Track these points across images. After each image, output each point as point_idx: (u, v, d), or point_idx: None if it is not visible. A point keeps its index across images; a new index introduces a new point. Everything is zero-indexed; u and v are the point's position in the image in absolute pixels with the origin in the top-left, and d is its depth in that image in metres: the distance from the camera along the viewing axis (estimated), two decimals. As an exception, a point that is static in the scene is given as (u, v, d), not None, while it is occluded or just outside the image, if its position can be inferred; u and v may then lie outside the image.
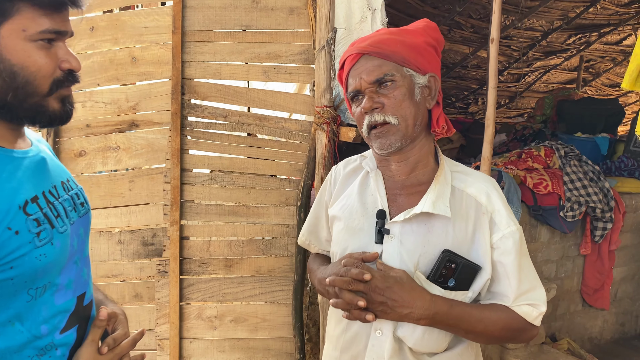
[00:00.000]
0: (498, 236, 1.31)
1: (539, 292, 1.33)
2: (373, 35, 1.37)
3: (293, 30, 2.78)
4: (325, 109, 2.62)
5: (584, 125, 5.49)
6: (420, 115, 1.35)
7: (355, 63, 1.35)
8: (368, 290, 1.23)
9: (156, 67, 2.83)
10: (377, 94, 1.31)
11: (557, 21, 5.66)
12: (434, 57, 1.39)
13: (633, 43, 6.63)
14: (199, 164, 2.88)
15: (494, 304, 1.33)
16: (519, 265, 1.31)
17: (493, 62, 3.13)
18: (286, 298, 2.88)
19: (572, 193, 3.73)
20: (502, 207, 1.33)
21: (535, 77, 7.23)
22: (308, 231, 1.70)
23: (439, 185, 1.34)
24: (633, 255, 4.46)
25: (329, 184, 1.61)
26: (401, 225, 1.33)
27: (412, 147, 1.37)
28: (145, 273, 2.88)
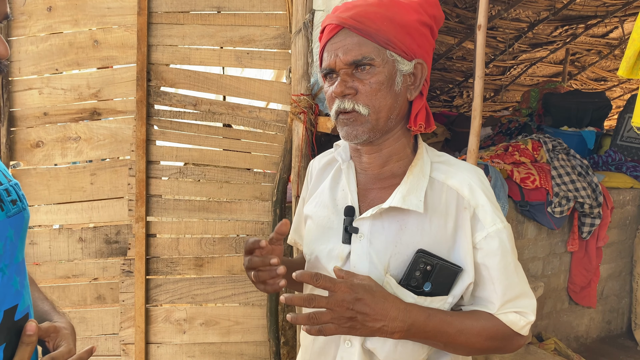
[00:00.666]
0: (482, 235, 1.14)
1: (527, 299, 1.17)
2: (359, 4, 1.17)
3: (268, 12, 2.59)
4: (302, 97, 2.44)
5: (570, 118, 5.38)
6: (398, 108, 1.18)
7: (334, 36, 1.16)
8: (332, 305, 1.03)
9: (120, 51, 2.61)
10: (351, 76, 1.14)
11: (543, 12, 5.52)
12: (427, 39, 1.20)
13: (619, 36, 6.55)
14: (166, 156, 2.68)
15: (477, 312, 1.17)
16: (505, 269, 1.14)
17: (480, 50, 2.98)
18: (260, 299, 2.70)
19: (560, 188, 3.61)
20: (486, 201, 1.16)
21: (521, 70, 7.11)
22: (293, 230, 1.55)
23: (413, 177, 1.18)
24: (620, 252, 4.37)
25: (306, 179, 1.46)
26: (371, 222, 1.18)
27: (385, 140, 1.21)
28: (109, 273, 2.67)
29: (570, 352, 3.65)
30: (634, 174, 4.41)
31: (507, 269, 1.14)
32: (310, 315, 1.03)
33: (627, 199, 4.28)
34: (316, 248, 1.26)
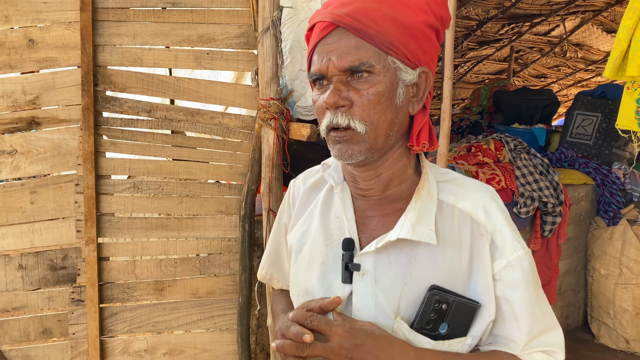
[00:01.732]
0: (502, 264, 0.99)
1: (555, 334, 1.03)
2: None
3: (229, 8, 2.36)
4: (271, 101, 2.23)
5: (521, 116, 5.45)
6: (398, 124, 1.00)
7: (326, 36, 0.97)
8: (329, 353, 0.88)
9: (61, 52, 2.30)
10: (346, 85, 0.95)
11: (492, 10, 5.57)
12: (433, 43, 1.02)
13: (560, 34, 6.73)
14: (118, 170, 2.39)
15: (498, 353, 1.02)
16: (529, 302, 0.99)
17: (449, 50, 2.89)
18: (230, 323, 2.47)
19: (525, 188, 3.58)
20: (505, 225, 1.01)
21: (468, 68, 7.19)
22: (268, 263, 1.33)
23: (421, 202, 1.01)
24: (575, 247, 4.43)
25: (287, 203, 1.25)
26: (374, 257, 1.00)
27: (384, 162, 1.03)
28: (56, 304, 2.36)
29: (537, 351, 3.64)
30: (586, 170, 4.49)
31: (531, 302, 1.00)
32: None
33: (581, 195, 4.35)
34: (308, 288, 1.07)
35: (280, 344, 0.91)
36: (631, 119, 2.09)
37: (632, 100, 2.06)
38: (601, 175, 4.46)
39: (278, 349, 0.92)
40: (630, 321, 4.04)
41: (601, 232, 4.29)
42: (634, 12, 1.96)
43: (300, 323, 0.92)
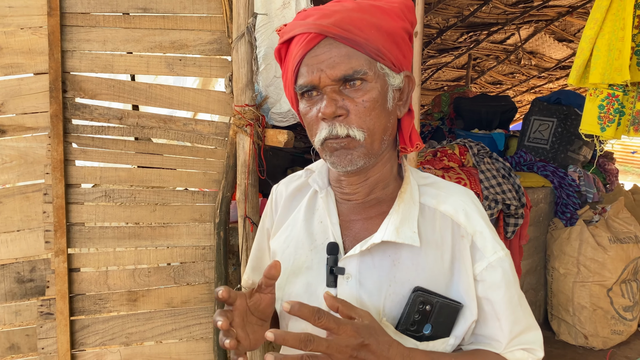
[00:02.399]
0: (483, 265, 1.02)
1: (535, 332, 1.07)
2: (337, 9, 0.99)
3: (202, 15, 2.35)
4: (247, 108, 2.23)
5: (480, 121, 5.61)
6: (390, 128, 1.03)
7: (314, 47, 0.97)
8: (333, 349, 0.84)
9: (27, 58, 2.24)
10: (340, 94, 0.97)
11: (452, 18, 5.72)
12: (410, 48, 1.06)
13: (515, 42, 6.97)
14: (88, 178, 2.33)
15: (482, 352, 1.05)
16: (510, 302, 1.03)
17: (417, 58, 2.95)
18: (205, 332, 2.44)
19: (489, 191, 3.69)
20: (485, 227, 1.05)
21: (428, 75, 7.35)
22: (251, 269, 1.33)
23: (404, 205, 1.03)
24: (535, 248, 4.59)
25: (270, 208, 1.25)
26: (359, 260, 1.02)
27: (374, 165, 1.05)
28: (23, 318, 2.28)
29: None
30: (544, 173, 4.67)
31: (512, 302, 1.03)
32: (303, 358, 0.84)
33: (540, 197, 4.51)
34: (292, 293, 1.07)
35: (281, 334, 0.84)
36: (594, 123, 2.19)
37: (595, 106, 2.17)
38: (558, 178, 4.64)
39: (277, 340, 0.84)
40: (588, 317, 4.21)
41: (559, 232, 4.46)
42: (595, 23, 2.06)
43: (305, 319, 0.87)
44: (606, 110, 2.14)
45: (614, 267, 4.14)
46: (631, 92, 2.13)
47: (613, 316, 4.22)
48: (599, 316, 4.20)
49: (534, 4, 5.80)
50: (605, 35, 2.06)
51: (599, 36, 2.06)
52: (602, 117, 2.16)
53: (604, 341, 4.22)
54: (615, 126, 2.15)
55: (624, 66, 2.00)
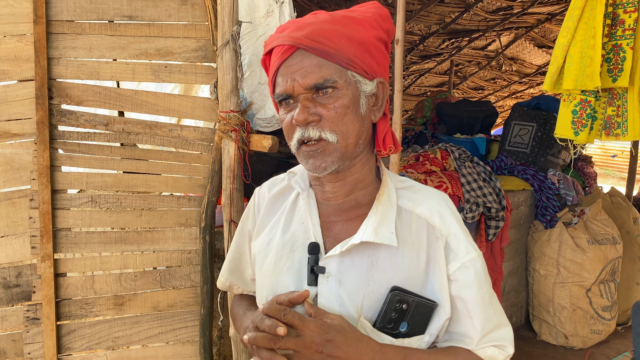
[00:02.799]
0: (456, 265, 1.08)
1: (505, 330, 1.12)
2: (311, 21, 1.05)
3: (187, 22, 2.39)
4: (232, 114, 2.27)
5: (462, 126, 5.70)
6: (365, 131, 1.09)
7: (288, 58, 1.03)
8: (300, 347, 0.93)
9: (13, 65, 2.26)
10: (313, 102, 1.03)
11: (434, 25, 5.83)
12: (385, 56, 1.11)
13: (496, 48, 7.10)
14: (75, 183, 2.36)
15: (455, 348, 1.10)
16: (482, 300, 1.08)
17: (398, 64, 3.02)
18: (191, 335, 2.47)
19: (470, 194, 3.77)
20: (458, 229, 1.10)
21: (411, 81, 7.45)
22: (229, 270, 1.36)
23: (382, 207, 1.09)
24: (517, 250, 4.68)
25: (252, 210, 1.29)
26: (339, 260, 1.06)
27: (351, 167, 1.11)
28: (10, 323, 2.29)
29: (486, 350, 3.81)
30: (524, 176, 4.77)
31: (483, 301, 1.09)
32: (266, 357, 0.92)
33: (521, 200, 4.61)
34: (275, 293, 1.11)
35: (253, 336, 0.94)
36: (567, 128, 2.27)
37: (568, 112, 2.25)
38: (538, 182, 4.74)
39: (250, 341, 0.95)
40: (568, 317, 4.30)
41: (540, 234, 4.55)
42: (568, 31, 2.15)
43: (273, 316, 0.95)
44: (579, 115, 2.23)
45: (593, 268, 4.24)
46: (602, 97, 2.21)
47: (592, 316, 4.32)
48: (578, 316, 4.29)
49: (514, 11, 5.93)
50: (577, 43, 2.14)
51: (571, 44, 2.15)
52: (576, 121, 2.24)
53: (584, 341, 4.32)
54: (588, 130, 2.23)
55: (595, 73, 2.09)
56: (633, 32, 2.09)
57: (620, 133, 2.18)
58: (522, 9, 5.88)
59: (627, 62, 2.11)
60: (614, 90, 2.20)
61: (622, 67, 2.13)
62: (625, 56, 2.12)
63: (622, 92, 2.18)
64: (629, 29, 2.09)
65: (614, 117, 2.19)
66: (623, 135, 2.18)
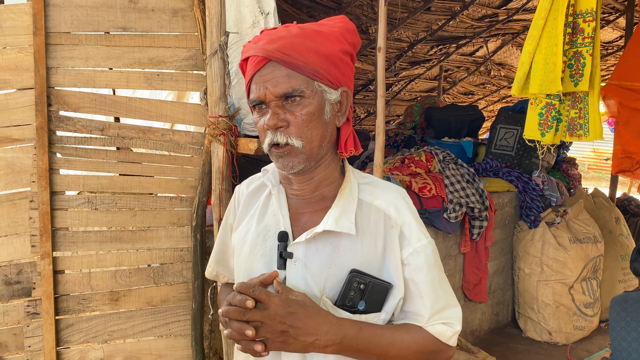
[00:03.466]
0: (408, 251, 1.21)
1: (453, 309, 1.25)
2: (283, 34, 1.17)
3: (178, 33, 2.54)
4: (220, 119, 2.42)
5: (450, 130, 5.86)
6: (328, 135, 1.22)
7: (261, 68, 1.16)
8: (266, 319, 1.06)
9: (14, 74, 2.40)
10: (282, 109, 1.16)
11: (422, 32, 5.99)
12: (349, 67, 1.25)
13: (484, 54, 7.27)
14: (72, 186, 2.50)
15: (407, 325, 1.23)
16: (431, 282, 1.21)
17: (381, 71, 3.16)
18: (184, 329, 2.61)
19: (453, 195, 3.91)
20: (412, 219, 1.24)
21: (401, 86, 7.61)
22: (215, 261, 1.50)
23: (344, 200, 1.23)
24: (502, 250, 4.82)
25: (233, 205, 1.44)
26: (305, 246, 1.20)
27: (317, 167, 1.24)
28: (11, 318, 2.42)
29: (470, 345, 3.95)
30: (509, 178, 4.91)
31: (433, 282, 1.21)
32: (237, 328, 1.06)
33: (505, 201, 4.75)
34: (249, 277, 1.24)
35: (225, 309, 1.07)
36: (535, 130, 2.42)
37: (535, 114, 2.40)
38: (522, 183, 4.89)
39: (223, 314, 1.08)
40: (551, 314, 4.43)
41: (524, 234, 4.69)
42: (533, 39, 2.30)
43: (244, 292, 1.09)
44: (545, 118, 2.38)
45: (575, 265, 4.38)
46: (566, 101, 2.36)
47: (575, 312, 4.45)
48: (561, 313, 4.43)
49: (499, 18, 6.10)
50: (542, 50, 2.30)
51: (536, 51, 2.30)
52: (542, 123, 2.39)
53: (567, 336, 4.45)
54: (554, 132, 2.38)
55: (557, 78, 2.24)
56: (592, 40, 2.25)
57: (583, 134, 2.33)
58: (507, 16, 6.05)
59: (587, 68, 2.27)
60: (576, 94, 2.36)
61: (582, 73, 2.28)
62: (585, 62, 2.28)
63: (583, 96, 2.34)
64: (588, 37, 2.25)
65: (577, 119, 2.35)
66: (585, 135, 2.33)
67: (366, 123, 8.22)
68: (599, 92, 2.32)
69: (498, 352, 4.28)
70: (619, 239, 4.96)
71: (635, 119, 2.84)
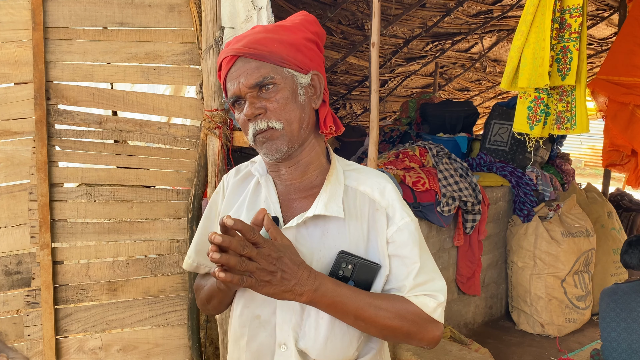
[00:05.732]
0: (393, 230, 1.27)
1: (437, 282, 1.28)
2: (248, 34, 1.27)
3: (174, 28, 2.59)
4: (216, 112, 2.47)
5: (445, 126, 5.90)
6: (307, 117, 1.28)
7: (232, 66, 1.24)
8: (260, 256, 1.08)
9: (13, 69, 2.45)
10: (258, 98, 1.22)
11: (417, 29, 6.03)
12: (316, 53, 1.32)
13: (479, 51, 7.32)
14: (71, 178, 2.55)
15: (389, 294, 1.27)
16: (415, 257, 1.26)
17: (375, 66, 3.21)
18: (180, 319, 2.66)
19: (446, 189, 3.97)
20: (396, 200, 1.30)
21: (397, 83, 7.65)
22: (195, 251, 1.49)
23: (331, 186, 1.29)
24: (495, 243, 4.88)
25: (220, 195, 1.46)
26: (296, 230, 1.26)
27: (302, 150, 1.30)
28: (11, 307, 2.47)
29: (464, 337, 4.01)
30: (502, 173, 4.97)
31: (416, 257, 1.26)
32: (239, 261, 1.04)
33: (499, 196, 4.81)
34: None
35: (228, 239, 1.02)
36: (524, 123, 2.48)
37: (524, 108, 2.46)
38: (516, 178, 4.95)
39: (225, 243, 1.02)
40: (544, 307, 4.50)
41: (517, 228, 4.75)
42: (522, 35, 2.35)
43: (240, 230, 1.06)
44: (534, 111, 2.43)
45: (567, 259, 4.44)
46: (554, 94, 2.42)
47: (567, 305, 4.52)
48: (554, 306, 4.49)
49: (494, 14, 6.15)
50: (530, 45, 2.35)
51: (525, 46, 2.36)
52: (531, 117, 2.44)
53: (559, 329, 4.52)
54: (542, 125, 2.43)
55: (545, 72, 2.29)
56: (578, 35, 2.31)
57: (570, 127, 2.39)
58: (501, 13, 6.10)
59: (574, 62, 2.32)
60: (563, 87, 2.41)
61: (569, 67, 2.33)
62: (572, 57, 2.33)
63: (570, 90, 2.39)
64: (575, 32, 2.30)
65: (564, 112, 2.40)
66: (572, 128, 2.39)
67: (362, 119, 8.26)
68: (585, 85, 2.38)
69: (491, 344, 4.34)
70: (611, 233, 5.03)
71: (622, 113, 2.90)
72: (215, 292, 1.33)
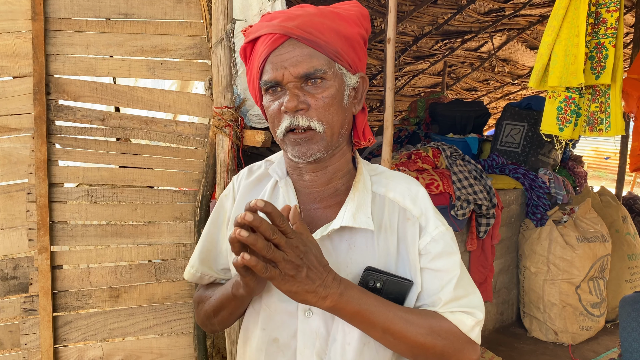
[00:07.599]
0: (427, 240, 1.13)
1: (475, 298, 1.14)
2: (300, 13, 1.09)
3: (183, 20, 2.44)
4: (226, 110, 2.32)
5: (455, 126, 5.77)
6: (347, 123, 1.15)
7: (279, 47, 1.07)
8: (288, 246, 0.94)
9: (11, 61, 2.30)
10: (302, 90, 1.07)
11: (427, 26, 5.90)
12: (365, 53, 1.18)
13: (489, 50, 7.18)
14: (71, 177, 2.40)
15: (421, 309, 1.13)
16: (451, 269, 1.13)
17: (390, 63, 3.07)
18: (186, 327, 2.52)
19: (461, 192, 3.83)
20: (428, 208, 1.17)
21: (405, 81, 7.52)
22: (199, 260, 1.33)
23: (359, 194, 1.14)
24: (508, 248, 4.74)
25: (229, 198, 1.31)
26: (319, 244, 1.09)
27: (332, 156, 1.16)
28: (7, 314, 2.33)
29: (476, 345, 3.87)
30: (515, 175, 4.83)
31: (453, 269, 1.13)
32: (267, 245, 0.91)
33: (512, 199, 4.67)
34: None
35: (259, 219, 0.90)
36: (553, 124, 2.34)
37: (553, 108, 2.32)
38: (529, 180, 4.81)
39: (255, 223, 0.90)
40: (557, 314, 4.36)
41: (530, 232, 4.62)
42: (553, 30, 2.21)
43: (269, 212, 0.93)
44: (564, 112, 2.29)
45: (582, 265, 4.30)
46: (586, 94, 2.28)
47: (581, 312, 4.38)
48: (568, 313, 4.36)
49: (506, 13, 6.01)
50: (562, 41, 2.21)
51: (556, 42, 2.22)
52: (561, 118, 2.30)
53: (573, 337, 4.39)
54: (573, 126, 2.30)
55: (579, 70, 2.15)
56: (615, 31, 2.17)
57: (604, 129, 2.25)
58: (513, 11, 5.96)
59: (610, 60, 2.18)
60: (597, 87, 2.27)
61: (604, 65, 2.20)
62: (608, 54, 2.19)
63: (605, 89, 2.25)
64: (611, 28, 2.16)
65: (598, 113, 2.26)
66: (606, 130, 2.25)
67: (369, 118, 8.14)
68: (621, 85, 2.24)
69: (503, 352, 4.21)
70: (626, 238, 4.89)
71: (654, 114, 2.77)
72: (229, 300, 1.17)
